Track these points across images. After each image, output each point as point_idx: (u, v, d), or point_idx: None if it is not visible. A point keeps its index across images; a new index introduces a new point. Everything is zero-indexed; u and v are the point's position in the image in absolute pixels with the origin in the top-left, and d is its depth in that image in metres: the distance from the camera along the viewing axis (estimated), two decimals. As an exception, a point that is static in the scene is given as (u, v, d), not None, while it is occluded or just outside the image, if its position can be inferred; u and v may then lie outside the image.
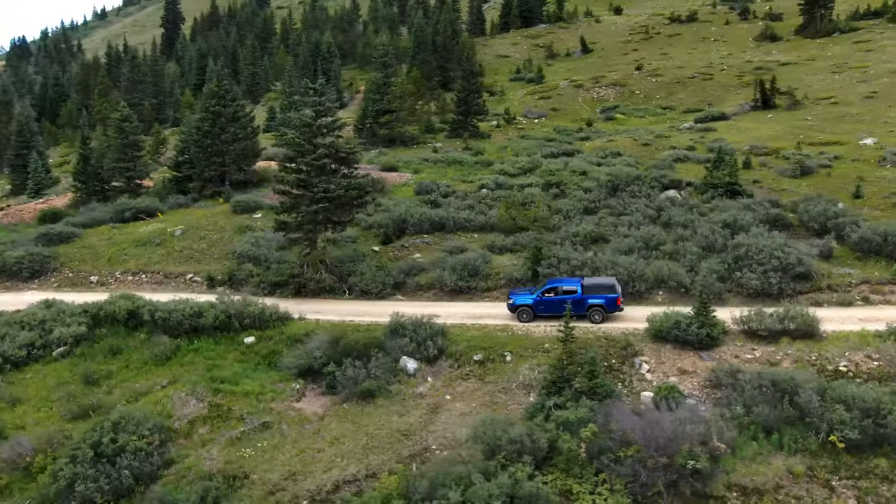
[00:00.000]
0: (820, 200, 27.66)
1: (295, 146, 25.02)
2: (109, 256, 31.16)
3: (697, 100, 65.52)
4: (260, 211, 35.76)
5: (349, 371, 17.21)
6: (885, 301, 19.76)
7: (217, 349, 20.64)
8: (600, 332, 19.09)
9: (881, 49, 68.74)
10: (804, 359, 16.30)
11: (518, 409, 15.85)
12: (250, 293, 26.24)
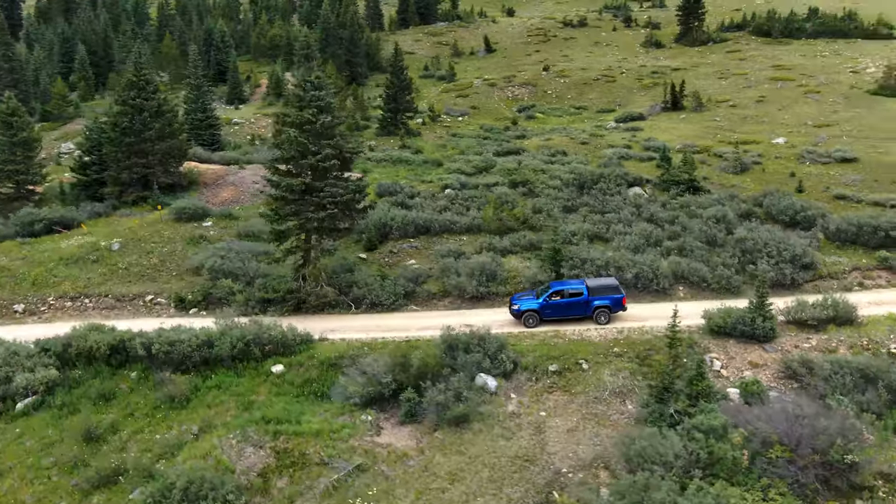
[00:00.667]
0: (778, 195, 30.17)
1: (297, 146, 22.28)
2: (34, 279, 25.86)
3: (607, 100, 69.28)
4: (210, 218, 31.75)
5: (435, 396, 15.47)
6: (877, 285, 22.06)
7: (243, 383, 17.66)
8: (656, 331, 19.16)
9: (752, 58, 77.49)
10: (857, 344, 17.63)
11: (622, 419, 15.29)
12: (236, 313, 23.05)
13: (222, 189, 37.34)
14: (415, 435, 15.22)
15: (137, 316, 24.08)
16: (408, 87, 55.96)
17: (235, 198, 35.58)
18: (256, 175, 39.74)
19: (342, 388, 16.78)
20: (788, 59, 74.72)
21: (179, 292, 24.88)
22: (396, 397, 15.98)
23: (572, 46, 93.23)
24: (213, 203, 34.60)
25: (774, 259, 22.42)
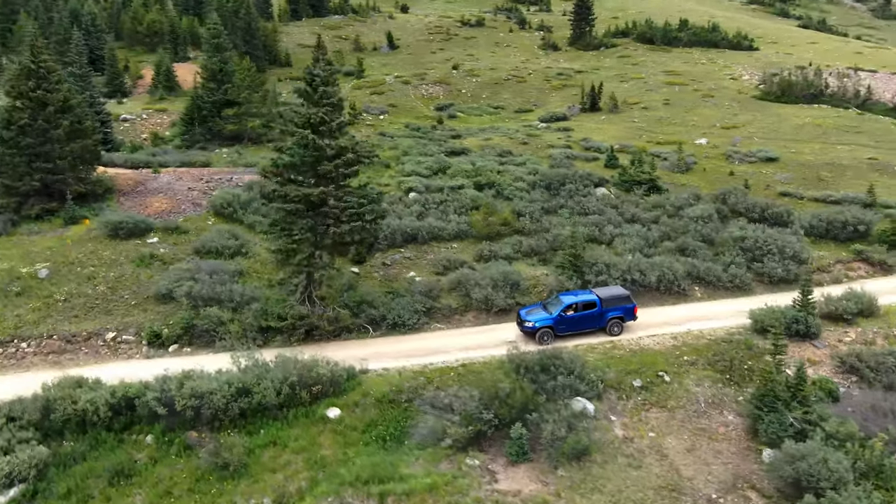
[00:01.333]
0: (739, 193, 32.11)
1: (314, 150, 19.18)
2: (-67, 324, 20.14)
3: (522, 100, 70.54)
4: (154, 233, 27.00)
5: (550, 429, 13.80)
6: (859, 276, 24.08)
7: (300, 435, 14.63)
8: (714, 336, 19.13)
9: (643, 64, 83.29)
10: (891, 335, 18.90)
11: (731, 432, 14.86)
12: (231, 346, 19.62)
13: (149, 198, 32.05)
14: (536, 476, 13.52)
15: (100, 359, 19.52)
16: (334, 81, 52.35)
17: (173, 208, 30.63)
18: (183, 180, 34.93)
19: (427, 429, 14.55)
20: (674, 66, 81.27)
21: (151, 326, 20.59)
22: (487, 434, 14.08)
23: (475, 46, 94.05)
24: (150, 212, 29.56)
25: (777, 256, 23.67)
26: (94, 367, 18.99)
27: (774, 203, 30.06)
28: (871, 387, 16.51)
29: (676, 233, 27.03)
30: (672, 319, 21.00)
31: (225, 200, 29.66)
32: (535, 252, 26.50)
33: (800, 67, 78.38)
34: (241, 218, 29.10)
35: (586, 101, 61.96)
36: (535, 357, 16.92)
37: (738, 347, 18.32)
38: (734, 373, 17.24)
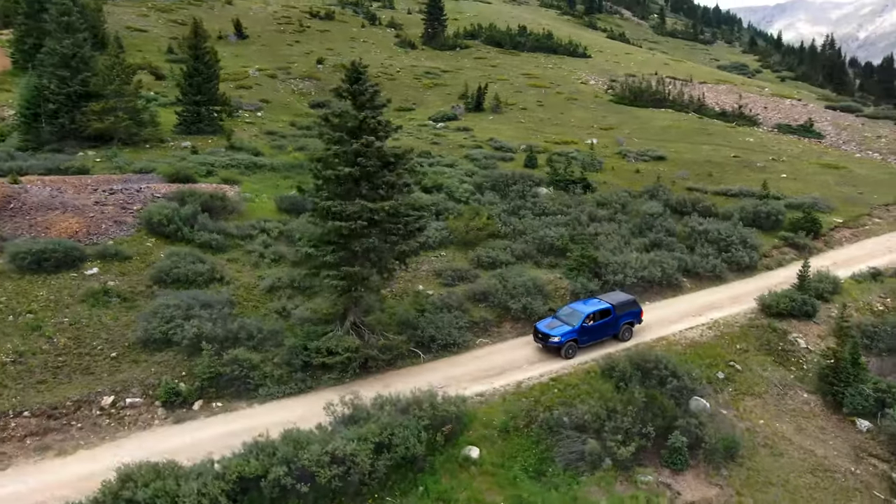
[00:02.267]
0: (664, 189, 35.66)
1: (378, 158, 16.54)
2: None
3: (400, 98, 69.39)
4: (90, 262, 21.51)
5: (700, 433, 13.75)
6: (791, 259, 28.24)
7: (456, 485, 12.62)
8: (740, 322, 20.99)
9: (501, 66, 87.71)
10: (861, 306, 22.51)
11: (817, 408, 16.45)
12: (274, 394, 16.67)
13: (43, 217, 25.33)
14: (706, 481, 13.45)
15: (107, 434, 14.90)
16: (216, 74, 46.56)
17: (90, 229, 24.50)
18: (69, 192, 28.35)
19: (574, 453, 13.61)
20: (529, 69, 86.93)
21: (167, 382, 16.33)
22: (647, 448, 13.71)
23: (332, 40, 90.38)
24: (54, 238, 23.33)
25: (740, 246, 26.85)
26: (106, 445, 14.54)
27: (702, 198, 33.92)
28: (870, 352, 19.79)
29: (642, 229, 29.15)
30: (685, 311, 22.68)
31: (163, 216, 24.65)
32: (528, 255, 26.54)
33: (630, 75, 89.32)
34: (189, 236, 24.48)
35: (471, 102, 63.42)
36: (626, 363, 17.02)
37: (767, 331, 20.54)
38: (777, 354, 19.31)
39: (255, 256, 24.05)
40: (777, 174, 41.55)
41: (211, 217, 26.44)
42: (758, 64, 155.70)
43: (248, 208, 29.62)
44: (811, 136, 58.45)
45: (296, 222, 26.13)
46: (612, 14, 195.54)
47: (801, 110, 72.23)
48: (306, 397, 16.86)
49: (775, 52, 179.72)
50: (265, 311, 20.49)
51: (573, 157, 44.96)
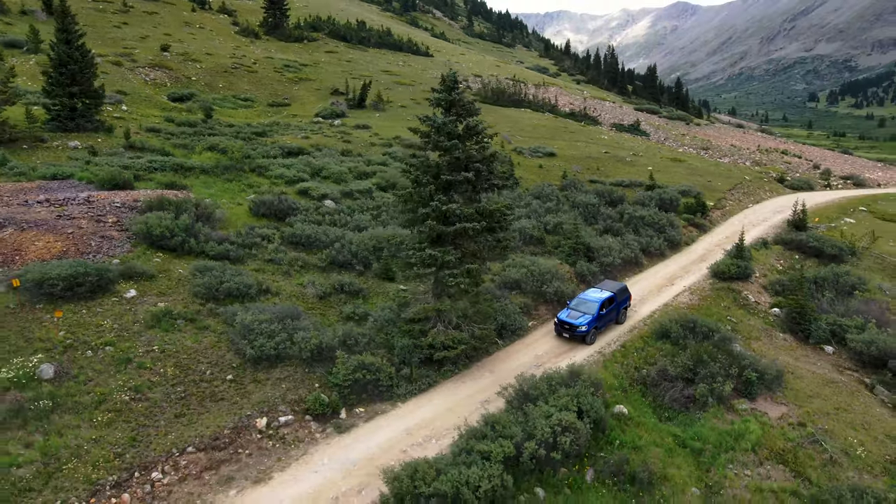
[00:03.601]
0: (578, 183, 41.28)
1: (469, 160, 17.48)
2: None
3: (268, 93, 66.70)
4: (126, 284, 19.14)
5: (760, 368, 18.21)
6: (698, 235, 35.37)
7: (636, 435, 14.96)
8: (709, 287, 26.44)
9: (356, 61, 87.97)
10: (768, 269, 29.61)
11: (793, 343, 22.12)
12: (410, 392, 17.55)
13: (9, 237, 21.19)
14: (776, 402, 17.57)
15: (280, 455, 14.15)
16: (92, 63, 40.47)
17: (78, 247, 21.00)
18: (33, 206, 24.04)
19: (687, 397, 17.02)
20: (384, 66, 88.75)
21: (315, 395, 15.85)
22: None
23: (164, 24, 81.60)
24: (19, 264, 19.88)
25: (669, 227, 33.02)
26: (293, 463, 14.08)
27: (613, 189, 40.10)
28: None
29: (587, 217, 33.97)
30: (658, 283, 27.70)
31: (164, 228, 22.37)
32: (515, 247, 29.46)
33: (476, 75, 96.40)
34: (197, 248, 22.63)
35: (353, 98, 63.43)
36: (677, 325, 21.01)
37: (730, 292, 26.33)
38: (745, 308, 25.11)
39: (285, 265, 23.24)
40: (644, 167, 50.21)
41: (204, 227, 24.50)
42: (556, 68, 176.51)
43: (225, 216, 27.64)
44: (640, 134, 70.48)
45: (382, 230, 25.97)
46: (425, 13, 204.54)
47: (619, 111, 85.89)
48: (437, 390, 17.80)
49: (566, 57, 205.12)
50: (337, 318, 20.45)
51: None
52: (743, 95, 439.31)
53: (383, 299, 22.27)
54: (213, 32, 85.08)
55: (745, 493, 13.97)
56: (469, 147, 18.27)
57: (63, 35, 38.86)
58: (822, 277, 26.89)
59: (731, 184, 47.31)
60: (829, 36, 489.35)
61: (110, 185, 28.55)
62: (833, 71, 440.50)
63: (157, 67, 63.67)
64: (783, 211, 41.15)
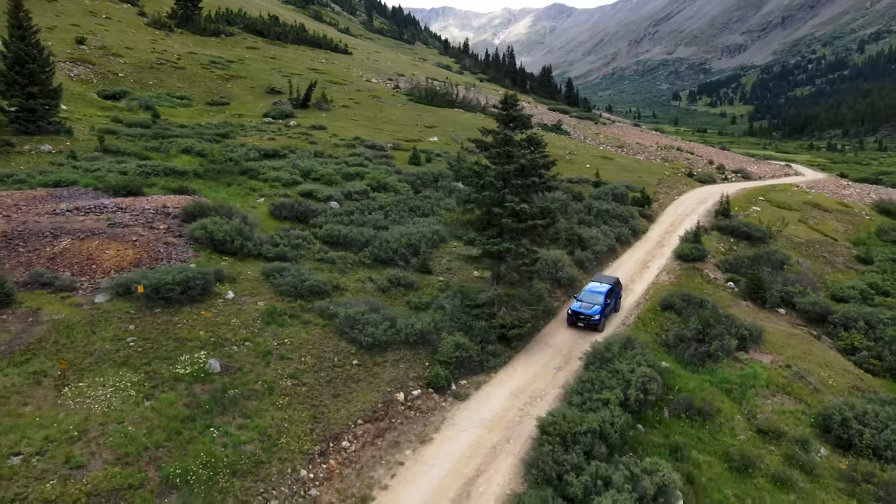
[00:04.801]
0: (538, 180, 45.85)
1: (534, 167, 20.63)
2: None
3: (203, 91, 64.88)
4: (222, 287, 20.39)
5: (748, 328, 23.42)
6: (649, 225, 41.19)
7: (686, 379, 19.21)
8: (679, 269, 31.78)
9: (281, 58, 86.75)
10: (716, 251, 35.77)
11: (756, 306, 27.90)
12: (498, 364, 20.76)
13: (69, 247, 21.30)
14: (764, 352, 22.86)
15: (427, 421, 16.63)
16: (47, 60, 38.39)
17: (151, 255, 21.53)
18: (64, 215, 23.91)
19: (703, 353, 21.70)
20: (310, 63, 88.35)
21: (432, 372, 18.42)
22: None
23: (68, 13, 75.58)
24: (95, 283, 20.51)
25: (631, 219, 38.38)
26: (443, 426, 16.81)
27: (571, 186, 45.09)
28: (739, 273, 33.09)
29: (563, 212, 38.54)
30: (635, 267, 32.73)
31: (225, 233, 23.54)
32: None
33: (399, 74, 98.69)
34: (254, 251, 24.04)
35: (298, 98, 63.52)
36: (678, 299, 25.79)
37: (696, 271, 31.85)
38: (709, 284, 30.70)
39: (339, 264, 25.20)
40: (583, 165, 56.12)
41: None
42: (457, 66, 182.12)
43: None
44: (563, 134, 77.12)
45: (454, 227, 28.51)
46: (323, 6, 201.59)
47: (537, 111, 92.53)
48: (514, 363, 21.03)
49: (466, 56, 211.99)
50: (402, 308, 22.96)
51: (444, 153, 51.78)
52: (616, 94, 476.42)
53: (433, 290, 25.02)
54: (122, 24, 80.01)
55: (773, 416, 18.82)
56: (535, 155, 21.63)
57: (18, 31, 36.63)
58: (759, 256, 33.38)
59: (657, 179, 54.48)
60: (686, 41, 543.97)
61: (125, 191, 28.53)
62: (691, 73, 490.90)
63: (78, 62, 59.75)
64: (704, 202, 48.57)
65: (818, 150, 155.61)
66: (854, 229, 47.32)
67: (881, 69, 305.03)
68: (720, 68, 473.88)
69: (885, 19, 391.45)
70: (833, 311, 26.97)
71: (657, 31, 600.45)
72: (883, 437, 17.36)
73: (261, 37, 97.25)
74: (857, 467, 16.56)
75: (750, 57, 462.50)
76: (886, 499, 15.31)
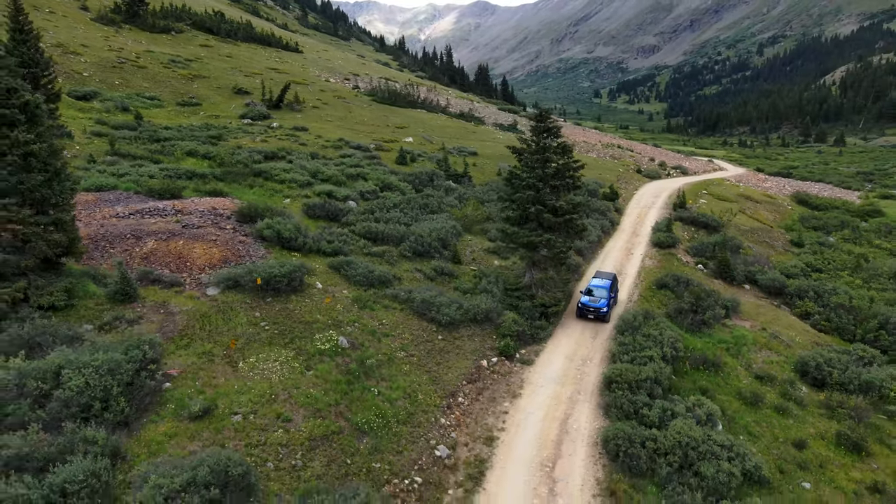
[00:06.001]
0: (518, 178, 50.27)
1: (567, 170, 24.56)
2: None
3: (170, 91, 64.55)
4: (310, 278, 23.13)
5: (728, 300, 28.63)
6: (620, 216, 46.48)
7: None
8: (658, 255, 36.98)
9: (237, 56, 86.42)
10: (683, 238, 41.41)
11: (725, 280, 33.53)
12: (546, 335, 24.80)
13: (155, 247, 23.22)
14: (742, 319, 28.22)
15: (508, 381, 20.35)
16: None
17: (233, 253, 23.71)
18: (127, 218, 25.60)
19: (700, 320, 26.74)
20: (265, 63, 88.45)
21: (493, 346, 22.07)
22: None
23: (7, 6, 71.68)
24: (195, 278, 22.79)
25: (608, 212, 43.45)
26: (524, 383, 20.59)
27: (545, 182, 49.68)
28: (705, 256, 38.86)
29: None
30: (621, 253, 37.81)
31: (290, 231, 26.14)
32: (517, 231, 37.39)
33: (354, 74, 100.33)
34: (314, 247, 26.76)
35: (271, 98, 64.51)
36: (671, 279, 30.74)
37: (672, 256, 37.21)
38: (683, 266, 36.12)
39: (388, 257, 28.29)
40: (548, 163, 61.06)
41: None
42: (396, 63, 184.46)
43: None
44: (519, 133, 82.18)
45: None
46: (257, 1, 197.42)
47: (490, 111, 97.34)
48: (556, 335, 25.00)
49: (403, 53, 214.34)
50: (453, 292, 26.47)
51: (423, 153, 55.07)
52: (541, 91, 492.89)
53: (469, 278, 28.64)
54: (68, 19, 77.23)
55: (764, 365, 23.98)
56: (567, 160, 25.71)
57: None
58: (722, 242, 39.33)
59: (616, 175, 60.41)
60: (604, 41, 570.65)
61: (168, 194, 30.14)
62: (610, 71, 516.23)
63: (39, 60, 57.74)
64: (659, 195, 54.82)
65: (731, 145, 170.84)
66: (781, 218, 55.10)
67: (778, 70, 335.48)
68: (636, 67, 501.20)
69: (780, 24, 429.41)
70: (787, 286, 32.98)
71: (577, 30, 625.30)
72: (846, 376, 22.82)
73: (211, 34, 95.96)
74: (831, 398, 21.86)
75: (663, 57, 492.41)
76: (856, 416, 20.60)
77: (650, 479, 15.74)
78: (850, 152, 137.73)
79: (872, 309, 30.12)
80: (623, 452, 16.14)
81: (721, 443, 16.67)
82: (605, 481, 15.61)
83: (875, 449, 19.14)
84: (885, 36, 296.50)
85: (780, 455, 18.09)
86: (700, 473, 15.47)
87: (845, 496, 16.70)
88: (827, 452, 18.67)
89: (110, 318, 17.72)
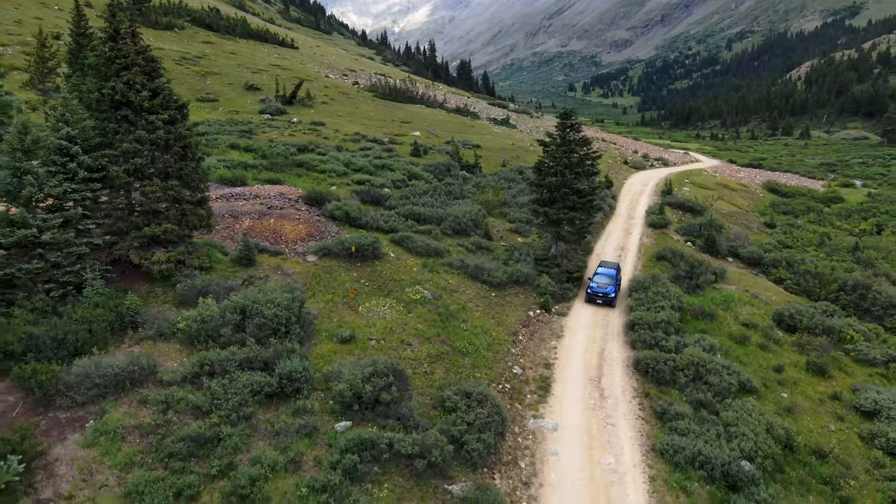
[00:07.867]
0: (526, 168, 55.57)
1: (586, 159, 29.86)
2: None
3: (186, 88, 67.82)
4: (384, 248, 27.99)
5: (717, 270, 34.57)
6: (616, 202, 52.10)
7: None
8: (655, 234, 42.64)
9: (241, 53, 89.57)
10: (675, 222, 47.20)
11: (719, 257, 39.43)
12: (573, 296, 30.11)
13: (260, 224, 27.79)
14: (730, 285, 34.05)
15: (552, 327, 25.71)
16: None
17: (314, 231, 28.39)
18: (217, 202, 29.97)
19: (695, 283, 32.50)
20: (266, 59, 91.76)
21: (536, 302, 27.32)
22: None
23: (25, 5, 74.38)
24: (292, 249, 27.49)
25: (607, 199, 49.01)
26: (563, 329, 25.87)
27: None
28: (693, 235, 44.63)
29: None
30: (621, 235, 43.35)
31: (354, 210, 30.87)
32: (531, 215, 42.75)
33: (352, 70, 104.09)
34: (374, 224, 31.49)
35: (284, 95, 68.35)
36: (668, 252, 36.38)
37: (667, 235, 42.86)
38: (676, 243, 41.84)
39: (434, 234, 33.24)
40: (545, 154, 66.46)
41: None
42: (379, 58, 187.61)
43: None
44: (512, 127, 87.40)
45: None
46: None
47: (483, 106, 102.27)
48: (581, 294, 30.54)
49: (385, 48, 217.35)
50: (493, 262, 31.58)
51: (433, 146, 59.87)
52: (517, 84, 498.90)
53: (500, 251, 33.79)
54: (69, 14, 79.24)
55: (748, 316, 29.73)
56: (588, 150, 31.00)
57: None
58: (706, 222, 45.27)
59: (606, 166, 66.14)
60: (578, 34, 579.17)
61: (240, 182, 34.49)
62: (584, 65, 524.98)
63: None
64: (647, 184, 60.74)
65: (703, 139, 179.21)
66: (755, 203, 61.56)
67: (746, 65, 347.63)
68: (609, 61, 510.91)
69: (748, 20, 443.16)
70: (764, 258, 38.98)
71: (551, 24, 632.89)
72: (813, 322, 28.66)
73: (210, 31, 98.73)
74: (802, 338, 27.66)
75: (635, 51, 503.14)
76: (821, 349, 26.42)
77: (672, 386, 21.18)
78: (814, 145, 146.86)
79: (833, 275, 36.21)
80: (651, 368, 21.56)
81: (721, 364, 22.20)
82: (639, 388, 20.99)
83: (835, 373, 24.91)
84: (846, 32, 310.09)
85: (764, 376, 23.72)
86: (708, 382, 20.96)
87: (812, 401, 22.38)
88: (799, 375, 24.37)
89: (246, 276, 22.39)
